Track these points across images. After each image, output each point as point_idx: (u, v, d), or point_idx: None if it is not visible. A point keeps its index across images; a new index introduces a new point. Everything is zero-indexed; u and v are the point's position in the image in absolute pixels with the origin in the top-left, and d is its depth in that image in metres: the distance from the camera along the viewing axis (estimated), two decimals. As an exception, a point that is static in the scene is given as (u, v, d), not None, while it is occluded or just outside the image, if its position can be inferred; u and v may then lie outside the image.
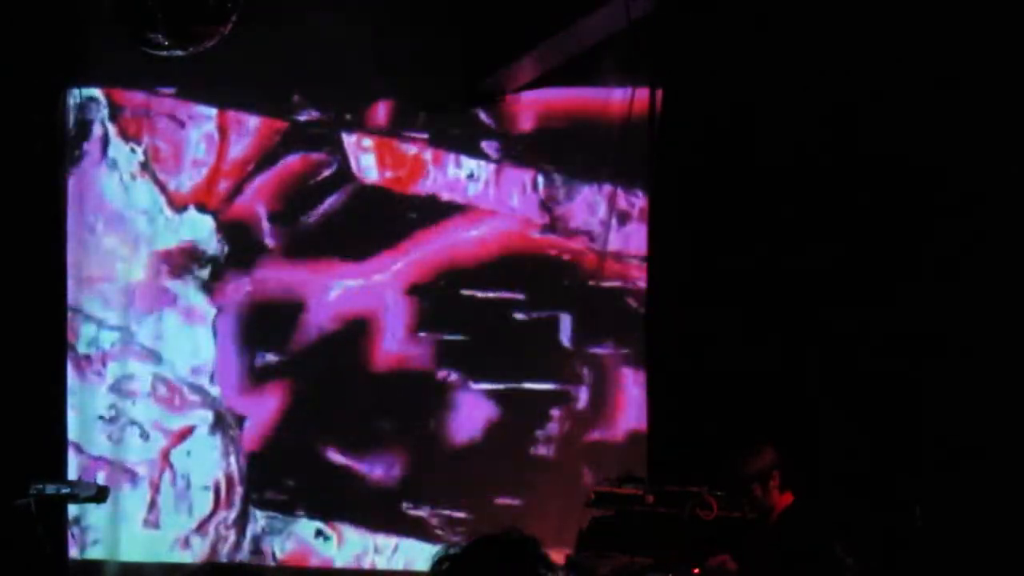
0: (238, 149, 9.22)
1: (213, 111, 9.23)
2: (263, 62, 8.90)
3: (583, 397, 8.94)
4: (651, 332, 8.75)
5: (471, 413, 9.02)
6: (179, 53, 6.16)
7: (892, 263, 8.25)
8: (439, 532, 9.01)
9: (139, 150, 9.27)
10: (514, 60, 7.82)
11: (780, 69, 8.16)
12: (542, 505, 8.91)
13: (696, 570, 7.19)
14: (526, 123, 8.94)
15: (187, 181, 9.25)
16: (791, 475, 7.07)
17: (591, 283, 8.88)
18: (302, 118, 9.17)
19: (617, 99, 8.83)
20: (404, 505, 9.04)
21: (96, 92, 9.25)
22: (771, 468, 7.01)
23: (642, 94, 8.74)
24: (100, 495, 7.55)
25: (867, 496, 7.83)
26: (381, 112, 9.09)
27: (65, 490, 7.47)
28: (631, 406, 8.85)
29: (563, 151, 8.93)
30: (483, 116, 8.94)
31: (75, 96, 9.19)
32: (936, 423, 8.07)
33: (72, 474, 9.10)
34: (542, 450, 8.95)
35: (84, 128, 9.26)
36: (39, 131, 9.14)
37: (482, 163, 9.01)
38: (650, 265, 8.77)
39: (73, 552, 9.22)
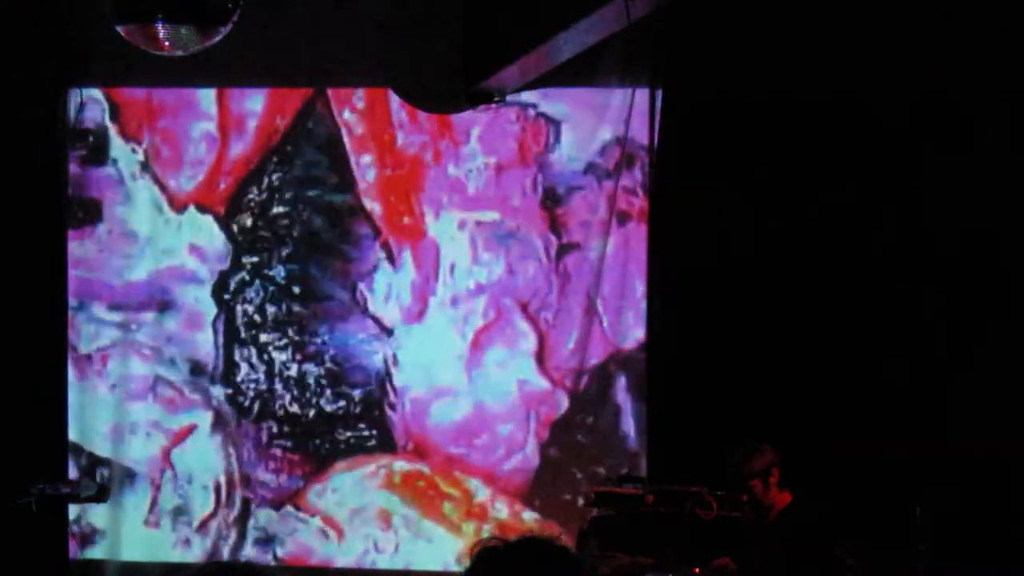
0: (238, 148, 9.22)
1: (214, 110, 9.23)
2: (263, 61, 8.89)
3: (582, 395, 8.94)
4: (651, 332, 8.76)
5: (471, 407, 9.04)
6: (179, 53, 6.16)
7: (893, 261, 8.26)
8: (441, 531, 9.02)
9: (140, 150, 9.27)
10: (514, 60, 7.81)
11: (780, 68, 8.17)
12: (543, 506, 8.94)
13: (696, 570, 7.19)
14: (526, 123, 8.94)
15: (188, 180, 9.25)
16: (789, 474, 7.08)
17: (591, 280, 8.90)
18: (303, 117, 9.18)
19: (617, 99, 8.84)
20: (406, 509, 9.06)
21: (96, 92, 9.26)
22: (771, 465, 7.02)
23: (642, 94, 8.75)
24: (100, 495, 7.55)
25: (867, 496, 7.84)
26: (382, 111, 9.08)
27: (65, 490, 7.48)
28: (631, 405, 8.85)
29: (563, 151, 8.92)
30: (483, 115, 8.94)
31: (76, 95, 9.20)
32: (936, 423, 8.07)
33: (72, 474, 9.11)
34: (542, 449, 8.95)
35: (84, 127, 9.26)
36: (40, 129, 9.14)
37: (482, 161, 9.01)
38: (650, 264, 8.76)
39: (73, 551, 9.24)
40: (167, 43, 6.08)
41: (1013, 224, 8.10)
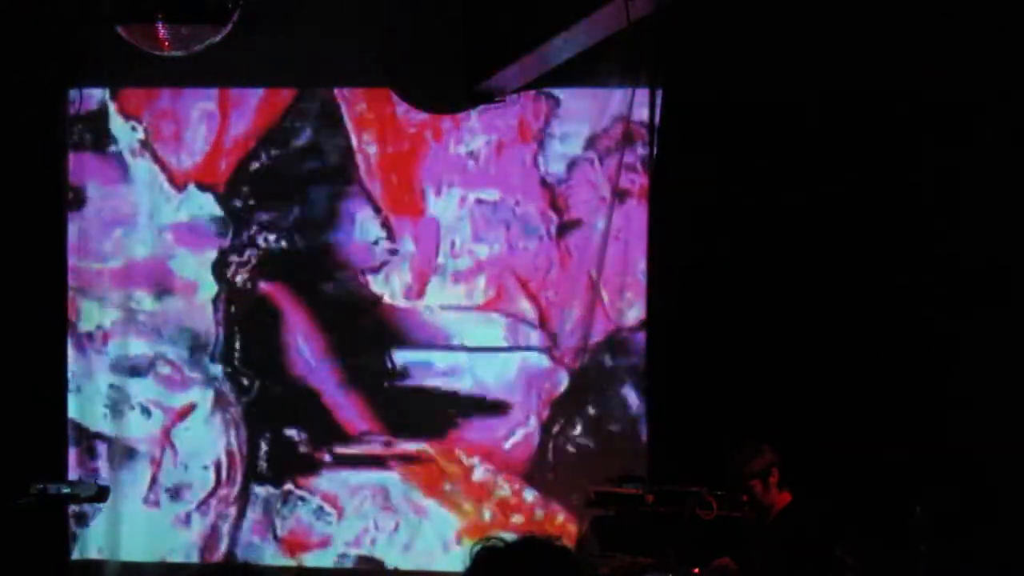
0: (239, 126, 9.23)
1: (214, 90, 9.24)
2: (263, 61, 8.90)
3: (583, 394, 8.95)
4: (652, 330, 8.76)
5: (472, 385, 9.04)
6: (179, 53, 6.17)
7: (894, 259, 8.26)
8: (441, 510, 9.03)
9: (139, 128, 9.30)
10: (514, 60, 7.82)
11: (780, 68, 8.17)
12: (544, 484, 8.93)
13: (696, 570, 7.20)
14: (526, 100, 8.94)
15: (188, 159, 9.26)
16: (789, 474, 7.08)
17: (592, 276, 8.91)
18: (304, 95, 9.19)
19: (617, 99, 8.84)
20: (406, 487, 9.06)
21: (97, 91, 9.29)
22: (771, 465, 7.03)
23: (642, 94, 8.76)
24: (100, 495, 7.56)
25: (867, 496, 7.84)
26: (383, 89, 9.07)
27: (65, 490, 7.48)
28: (631, 405, 8.86)
29: (563, 127, 8.93)
30: (483, 113, 8.96)
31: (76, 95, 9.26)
32: (936, 423, 8.07)
33: (72, 453, 9.16)
34: (543, 427, 8.96)
35: (86, 106, 9.27)
36: (40, 129, 9.16)
37: (482, 139, 9.01)
38: (650, 265, 8.77)
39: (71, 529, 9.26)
40: (167, 43, 6.09)
41: (1014, 222, 8.09)
